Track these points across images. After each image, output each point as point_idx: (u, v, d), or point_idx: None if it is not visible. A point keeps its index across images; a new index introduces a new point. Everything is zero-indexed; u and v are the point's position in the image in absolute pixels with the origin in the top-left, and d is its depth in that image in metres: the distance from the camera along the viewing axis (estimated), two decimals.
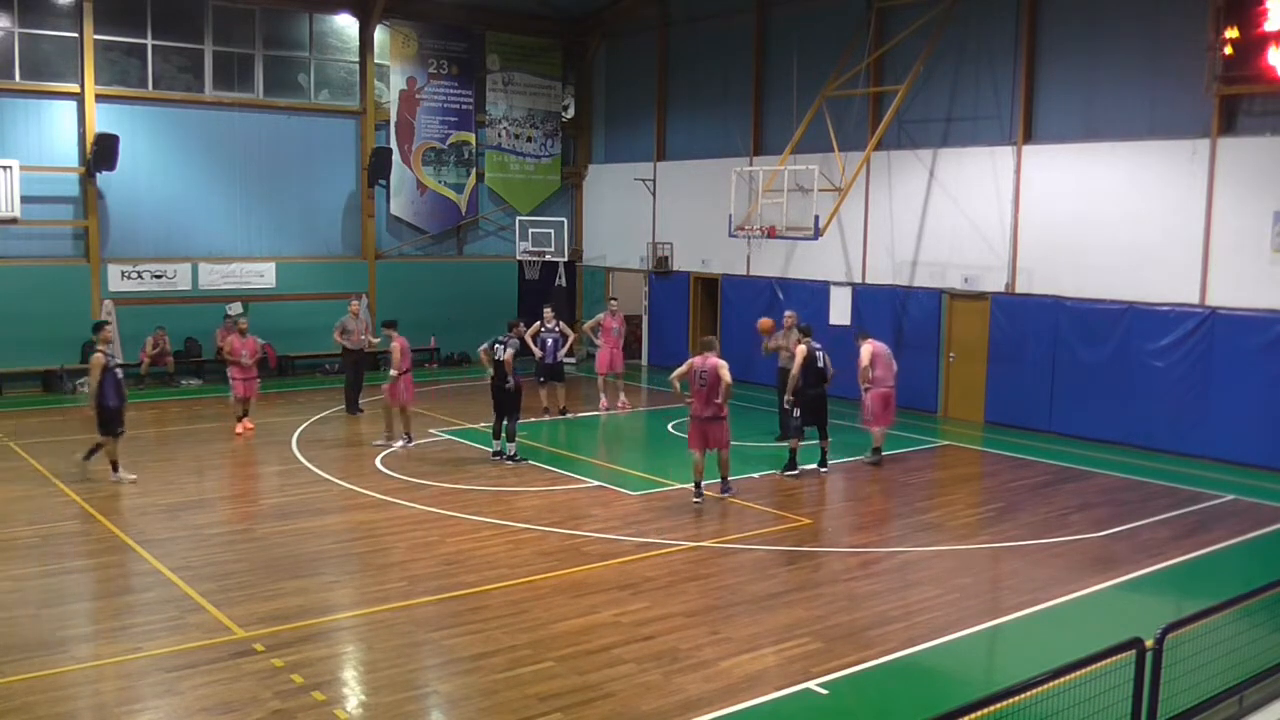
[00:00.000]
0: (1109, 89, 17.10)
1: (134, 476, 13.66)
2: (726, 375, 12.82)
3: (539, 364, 18.12)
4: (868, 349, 15.14)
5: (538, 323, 18.17)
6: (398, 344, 16.15)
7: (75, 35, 20.47)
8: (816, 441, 14.89)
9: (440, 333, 24.74)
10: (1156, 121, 16.53)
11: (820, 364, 14.66)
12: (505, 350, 15.05)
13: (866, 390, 15.20)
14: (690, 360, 13.24)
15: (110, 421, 13.50)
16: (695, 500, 13.12)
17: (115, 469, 13.63)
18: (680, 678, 7.98)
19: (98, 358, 13.44)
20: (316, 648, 8.50)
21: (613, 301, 20.16)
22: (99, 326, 14.48)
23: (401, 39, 24.04)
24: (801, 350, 14.60)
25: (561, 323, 18.55)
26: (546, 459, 15.40)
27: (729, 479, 13.45)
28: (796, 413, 14.47)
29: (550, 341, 18.09)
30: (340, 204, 23.84)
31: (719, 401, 12.92)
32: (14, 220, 19.75)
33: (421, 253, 25.00)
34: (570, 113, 26.97)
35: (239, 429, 16.70)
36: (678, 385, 13.20)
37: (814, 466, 14.73)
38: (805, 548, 11.44)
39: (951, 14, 18.26)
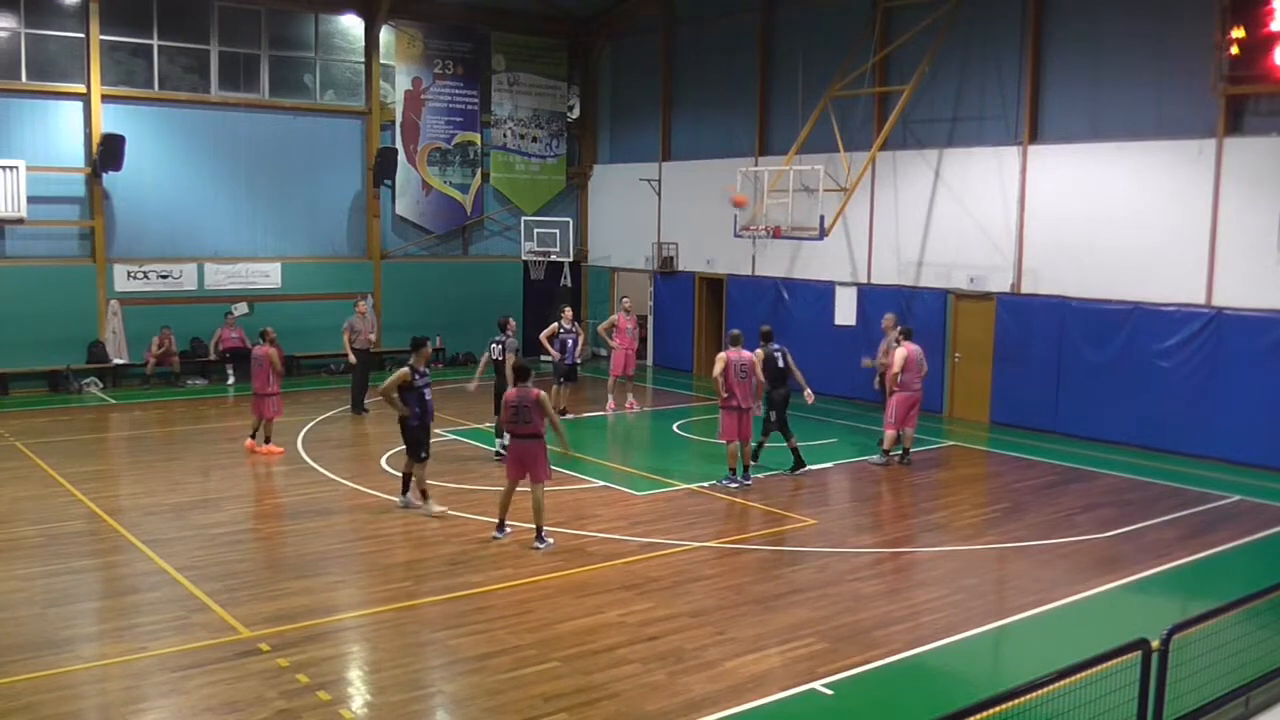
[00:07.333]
0: (1115, 89, 17.07)
1: (444, 508, 12.42)
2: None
3: (557, 365, 18.04)
4: (901, 353, 15.07)
5: (555, 324, 18.10)
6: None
7: (81, 35, 20.49)
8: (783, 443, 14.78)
9: (445, 333, 24.76)
10: (1162, 121, 16.49)
11: (780, 364, 14.50)
12: (503, 351, 14.99)
13: (892, 394, 15.18)
14: (725, 355, 13.67)
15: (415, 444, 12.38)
16: (733, 485, 13.76)
17: (425, 497, 12.45)
18: (685, 678, 7.98)
19: (404, 371, 12.19)
20: (322, 647, 8.50)
21: (625, 300, 19.99)
22: (420, 344, 12.61)
23: (407, 39, 24.05)
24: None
25: (577, 323, 18.56)
26: (552, 459, 15.32)
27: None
28: (772, 415, 14.47)
29: (570, 342, 18.08)
30: (345, 204, 23.85)
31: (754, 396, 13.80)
32: (20, 220, 19.79)
33: (427, 253, 25.01)
34: (575, 113, 26.94)
35: (273, 449, 15.40)
36: (720, 382, 13.57)
37: (785, 472, 14.55)
38: (810, 548, 11.43)
39: (957, 14, 18.23)
